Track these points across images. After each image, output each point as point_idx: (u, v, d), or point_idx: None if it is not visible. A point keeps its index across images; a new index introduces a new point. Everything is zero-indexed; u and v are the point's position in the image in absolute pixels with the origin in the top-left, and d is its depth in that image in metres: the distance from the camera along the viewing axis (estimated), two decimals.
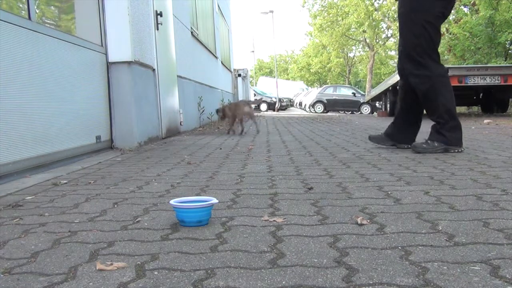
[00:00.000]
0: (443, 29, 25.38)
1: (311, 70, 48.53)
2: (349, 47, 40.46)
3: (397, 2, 3.33)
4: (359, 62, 44.08)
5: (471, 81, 8.95)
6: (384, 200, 1.76)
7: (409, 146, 3.42)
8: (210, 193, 2.01)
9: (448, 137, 3.14)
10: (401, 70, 3.39)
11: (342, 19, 32.63)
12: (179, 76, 6.32)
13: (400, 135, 3.52)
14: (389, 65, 39.57)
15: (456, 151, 3.14)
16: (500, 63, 15.99)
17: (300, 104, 29.62)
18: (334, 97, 24.05)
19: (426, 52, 3.16)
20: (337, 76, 46.62)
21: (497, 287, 0.95)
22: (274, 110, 27.36)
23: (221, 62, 12.52)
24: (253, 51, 62.34)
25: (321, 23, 33.94)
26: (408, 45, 3.22)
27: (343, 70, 44.98)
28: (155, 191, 2.11)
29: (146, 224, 1.53)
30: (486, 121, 7.52)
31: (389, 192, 1.91)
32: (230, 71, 15.41)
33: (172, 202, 1.52)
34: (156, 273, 1.08)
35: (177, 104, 6.12)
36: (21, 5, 2.97)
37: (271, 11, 32.66)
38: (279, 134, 5.75)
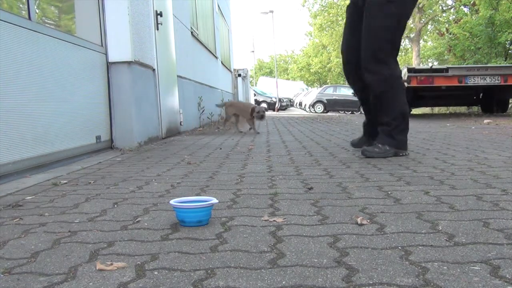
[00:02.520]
0: (443, 29, 25.43)
1: (311, 70, 48.50)
2: None
3: None
4: None
5: (471, 81, 8.95)
6: (384, 200, 1.76)
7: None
8: (210, 193, 2.01)
9: (398, 140, 3.03)
10: (348, 71, 3.32)
11: (342, 19, 32.58)
12: (179, 76, 6.32)
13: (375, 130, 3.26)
14: None
15: (402, 154, 3.04)
16: (500, 63, 15.99)
17: (300, 104, 29.61)
18: (334, 97, 24.04)
19: (393, 51, 3.02)
20: (337, 76, 46.58)
21: (497, 287, 0.95)
22: (274, 110, 27.36)
23: (221, 62, 12.52)
24: (253, 51, 62.42)
25: (321, 23, 33.93)
26: (375, 40, 2.95)
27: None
28: (155, 191, 2.11)
29: (146, 224, 1.53)
30: (486, 121, 7.52)
31: (389, 192, 1.91)
32: (230, 71, 15.41)
33: (172, 202, 1.52)
34: (156, 273, 1.08)
35: (177, 104, 6.12)
36: (21, 5, 2.97)
37: (271, 11, 32.66)
38: (279, 134, 5.75)
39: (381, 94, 3.03)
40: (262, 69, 66.94)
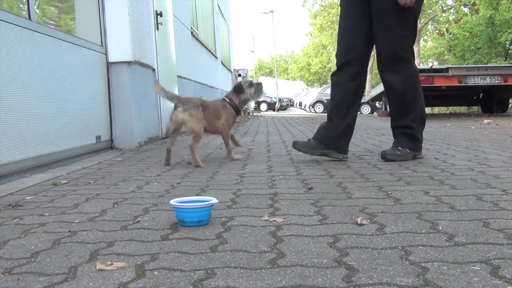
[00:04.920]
0: (443, 29, 25.42)
1: (311, 70, 48.51)
2: None
3: None
4: None
5: (471, 81, 8.95)
6: (384, 200, 1.76)
7: (344, 157, 2.98)
8: (210, 193, 2.01)
9: (418, 143, 2.93)
10: (342, 64, 2.97)
11: None
12: (179, 76, 6.32)
13: (336, 143, 2.96)
14: None
15: (419, 157, 2.94)
16: (500, 63, 15.99)
17: (300, 104, 29.62)
18: None
19: (412, 47, 2.92)
20: None
21: (497, 287, 0.95)
22: (274, 110, 27.36)
23: (221, 62, 12.53)
24: (253, 51, 62.44)
25: (321, 23, 33.91)
26: (396, 38, 2.81)
27: None
28: (155, 191, 2.11)
29: (146, 224, 1.53)
30: (486, 121, 7.52)
31: (389, 192, 1.90)
32: (230, 71, 15.42)
33: (172, 202, 1.52)
34: (156, 273, 1.08)
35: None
36: (21, 5, 2.97)
37: (271, 11, 32.69)
38: (279, 134, 5.75)
39: (404, 93, 2.88)
40: (262, 69, 66.92)
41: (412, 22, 2.89)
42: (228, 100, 3.16)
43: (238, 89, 3.21)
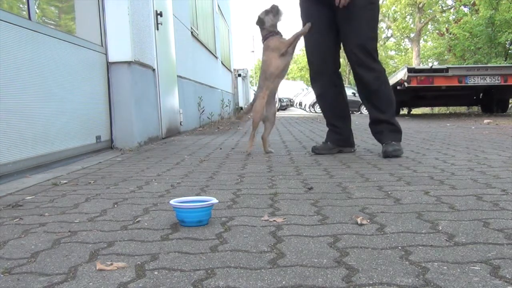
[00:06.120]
0: (443, 29, 25.41)
1: None
2: None
3: None
4: None
5: (471, 81, 8.94)
6: (384, 200, 1.76)
7: (354, 149, 3.48)
8: (210, 193, 2.01)
9: (401, 134, 3.20)
10: (320, 73, 3.28)
11: None
12: (179, 76, 6.32)
13: (346, 141, 3.42)
14: (389, 65, 39.51)
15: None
16: (500, 63, 15.97)
17: (300, 104, 29.60)
18: None
19: (376, 46, 3.17)
20: None
21: (497, 287, 0.95)
22: None
23: (221, 62, 12.53)
24: (253, 51, 62.28)
25: None
26: (364, 38, 3.03)
27: (343, 70, 44.98)
28: (155, 191, 2.11)
29: (146, 224, 1.53)
30: (486, 121, 7.51)
31: (389, 192, 1.90)
32: (230, 71, 15.42)
33: (172, 202, 1.52)
34: (156, 273, 1.08)
35: (177, 104, 6.12)
36: (21, 5, 2.97)
37: None
38: (279, 134, 5.75)
39: (376, 89, 3.11)
40: None
41: (377, 25, 3.19)
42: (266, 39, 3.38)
43: (259, 23, 3.41)
